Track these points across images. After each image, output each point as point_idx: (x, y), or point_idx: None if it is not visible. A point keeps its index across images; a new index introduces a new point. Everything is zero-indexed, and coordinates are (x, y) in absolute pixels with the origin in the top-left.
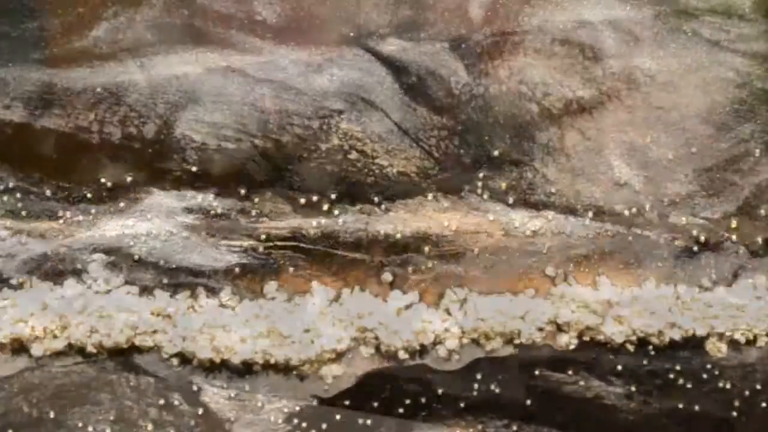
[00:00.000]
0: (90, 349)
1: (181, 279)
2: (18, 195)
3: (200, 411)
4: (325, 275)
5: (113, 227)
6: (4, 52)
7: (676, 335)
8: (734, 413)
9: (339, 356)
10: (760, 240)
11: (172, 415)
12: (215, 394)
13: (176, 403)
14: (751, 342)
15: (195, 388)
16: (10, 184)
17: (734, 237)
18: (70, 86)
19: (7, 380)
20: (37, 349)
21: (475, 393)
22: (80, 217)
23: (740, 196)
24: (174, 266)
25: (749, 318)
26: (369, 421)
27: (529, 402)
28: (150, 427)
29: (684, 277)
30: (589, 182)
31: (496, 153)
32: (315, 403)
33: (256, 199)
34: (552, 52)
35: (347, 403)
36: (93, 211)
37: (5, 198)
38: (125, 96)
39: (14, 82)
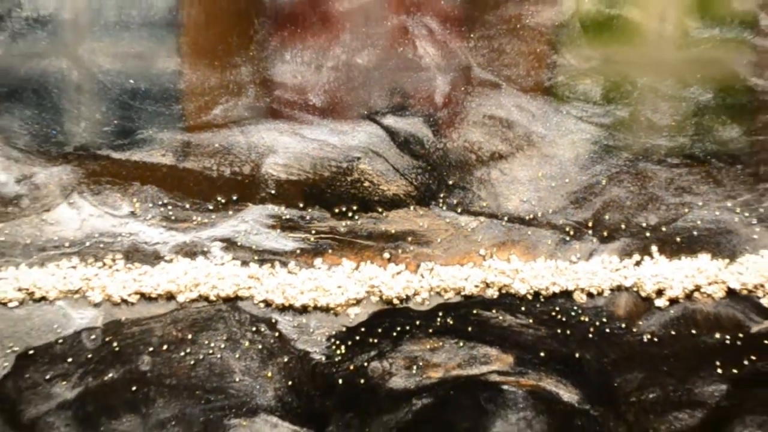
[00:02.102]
0: (212, 297)
1: (265, 256)
2: (169, 207)
3: (276, 334)
4: (350, 254)
5: (225, 226)
6: (161, 123)
7: (556, 289)
8: (590, 335)
9: (358, 302)
10: (605, 234)
11: (260, 336)
12: (285, 324)
13: (262, 329)
14: (600, 293)
15: (273, 320)
16: (165, 201)
17: (590, 232)
18: (200, 143)
19: (163, 316)
20: (180, 298)
21: (438, 324)
22: (206, 220)
23: (594, 208)
24: (261, 249)
25: (599, 279)
26: (375, 340)
27: (469, 329)
28: (247, 343)
29: (561, 255)
30: (505, 200)
31: (450, 182)
32: (344, 329)
33: (309, 210)
34: (483, 123)
35: (363, 329)
36: (213, 216)
37: (162, 209)
38: (232, 149)
39: (167, 141)
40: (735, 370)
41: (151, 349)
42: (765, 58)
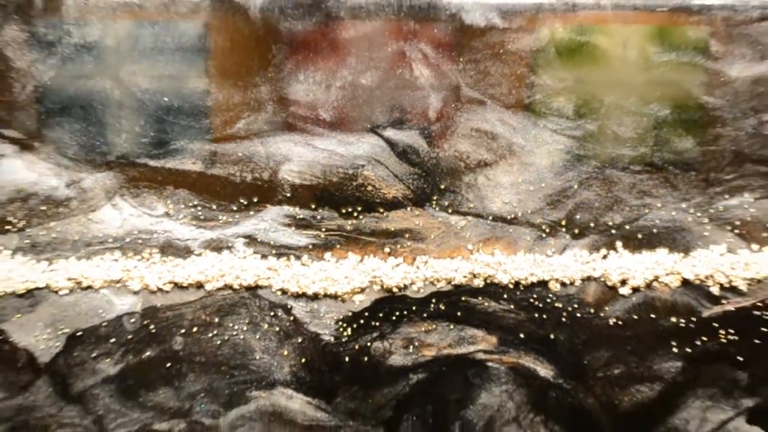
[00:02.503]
0: (235, 286)
1: (282, 251)
2: (199, 208)
3: (291, 318)
4: (355, 249)
5: (247, 224)
6: (191, 135)
7: (534, 279)
8: (563, 319)
9: (362, 290)
10: (576, 231)
11: (277, 320)
12: (299, 309)
13: (279, 313)
14: (572, 283)
15: (289, 306)
16: (195, 203)
17: (564, 230)
18: (225, 153)
19: (192, 302)
20: (208, 286)
21: (431, 309)
22: (230, 219)
23: (566, 208)
24: (278, 244)
25: (571, 271)
26: (377, 323)
27: (459, 314)
28: (266, 326)
29: (538, 250)
30: (490, 202)
31: (442, 186)
32: (350, 314)
33: (320, 210)
34: (471, 135)
35: (366, 314)
36: (236, 216)
37: (192, 210)
38: (253, 158)
39: (197, 150)
40: (688, 350)
41: (183, 331)
42: (715, 79)
